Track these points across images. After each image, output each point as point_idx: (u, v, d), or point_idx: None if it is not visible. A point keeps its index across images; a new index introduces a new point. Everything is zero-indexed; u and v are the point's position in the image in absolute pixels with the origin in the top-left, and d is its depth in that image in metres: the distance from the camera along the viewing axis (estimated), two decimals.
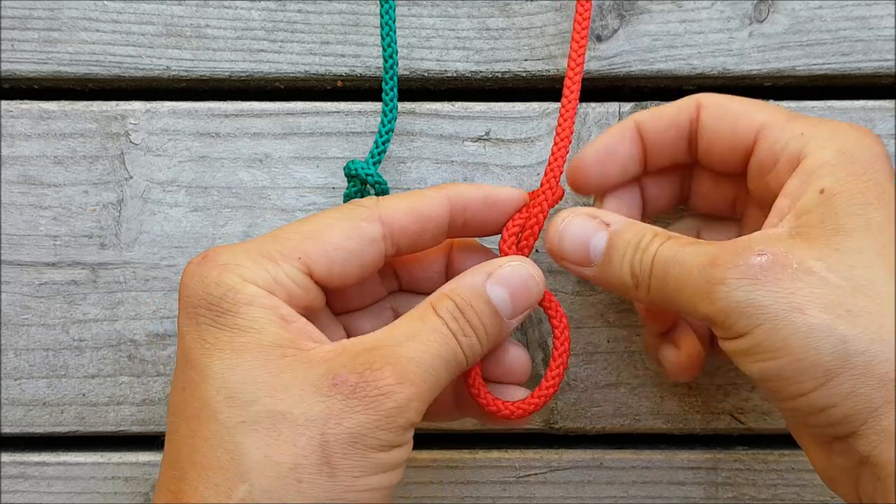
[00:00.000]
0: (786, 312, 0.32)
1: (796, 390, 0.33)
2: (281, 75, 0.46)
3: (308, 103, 0.46)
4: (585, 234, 0.38)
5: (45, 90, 0.47)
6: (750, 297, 0.33)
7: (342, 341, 0.35)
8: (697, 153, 0.40)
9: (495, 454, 0.47)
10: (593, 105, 0.46)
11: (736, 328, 0.34)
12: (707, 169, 0.41)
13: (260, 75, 0.46)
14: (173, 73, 0.46)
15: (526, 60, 0.46)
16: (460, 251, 0.41)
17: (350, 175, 0.42)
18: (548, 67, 0.46)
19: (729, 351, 0.35)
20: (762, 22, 0.46)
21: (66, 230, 0.46)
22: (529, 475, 0.47)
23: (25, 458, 0.46)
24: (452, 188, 0.39)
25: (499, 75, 0.47)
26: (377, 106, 0.46)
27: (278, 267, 0.35)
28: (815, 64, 0.46)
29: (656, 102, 0.46)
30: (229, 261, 0.35)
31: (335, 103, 0.46)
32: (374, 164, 0.43)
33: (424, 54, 0.46)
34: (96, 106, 0.46)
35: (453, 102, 0.46)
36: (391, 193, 0.44)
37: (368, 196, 0.42)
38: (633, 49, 0.46)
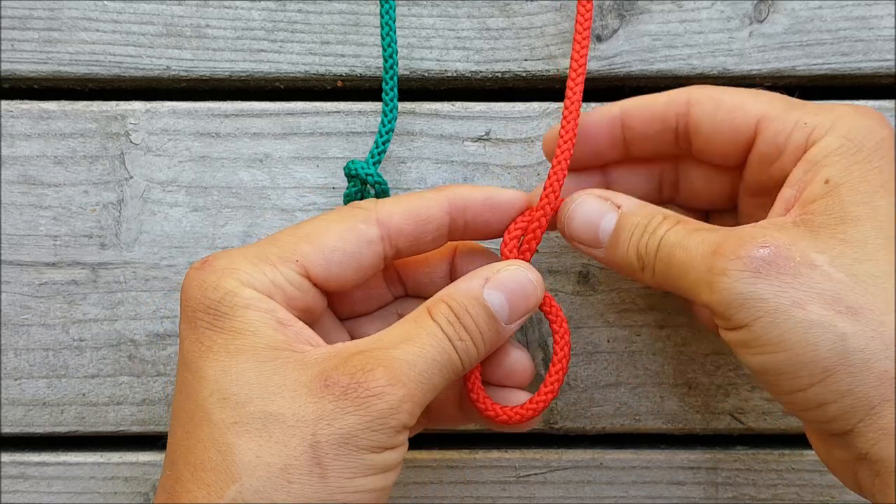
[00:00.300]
0: (786, 307, 0.32)
1: (794, 385, 0.33)
2: (281, 75, 0.46)
3: (308, 103, 0.46)
4: (596, 216, 0.38)
5: (45, 90, 0.47)
6: (751, 290, 0.33)
7: (336, 345, 0.35)
8: (691, 148, 0.40)
9: (495, 454, 0.47)
10: (593, 105, 0.46)
11: (735, 319, 0.34)
12: (702, 163, 0.41)
13: (260, 75, 0.46)
14: (173, 73, 0.46)
15: (526, 60, 0.46)
16: (464, 255, 0.41)
17: (350, 175, 0.42)
18: (548, 67, 0.46)
19: (728, 341, 0.35)
20: (762, 22, 0.46)
21: (66, 230, 0.46)
22: (529, 475, 0.47)
23: (25, 458, 0.46)
24: (452, 190, 0.39)
25: (499, 75, 0.46)
26: (377, 106, 0.46)
27: (276, 270, 0.35)
28: (815, 64, 0.46)
29: None
30: (227, 265, 0.35)
31: (335, 103, 0.46)
32: (375, 164, 0.43)
33: (424, 54, 0.46)
34: (96, 106, 0.46)
35: (453, 102, 0.46)
36: (391, 194, 0.44)
37: (368, 196, 0.43)
38: (633, 49, 0.46)
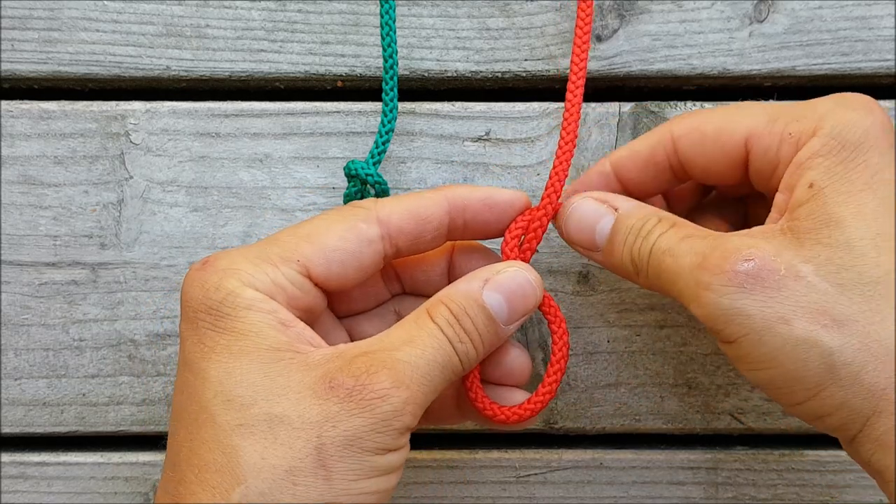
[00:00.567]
0: (771, 323, 0.32)
1: (791, 399, 0.33)
2: (281, 75, 0.46)
3: (308, 103, 0.46)
4: (593, 218, 0.38)
5: (45, 90, 0.47)
6: (735, 306, 0.33)
7: (339, 345, 0.35)
8: (694, 176, 0.39)
9: (495, 454, 0.47)
10: (593, 105, 0.46)
11: (724, 334, 0.34)
12: None
13: (260, 75, 0.46)
14: (173, 73, 0.46)
15: (526, 60, 0.46)
16: (462, 253, 0.41)
17: (350, 175, 0.42)
18: (548, 67, 0.46)
19: (724, 352, 0.35)
20: (762, 22, 0.46)
21: (66, 230, 0.46)
22: (529, 475, 0.46)
23: (25, 458, 0.46)
24: (451, 189, 0.39)
25: (499, 75, 0.46)
26: (377, 106, 0.46)
27: (277, 270, 0.35)
28: (815, 64, 0.46)
29: (656, 102, 0.46)
30: (229, 266, 0.35)
31: (335, 103, 0.46)
32: (375, 164, 0.42)
33: (424, 54, 0.46)
34: (96, 106, 0.46)
35: (453, 102, 0.46)
36: (391, 194, 0.44)
37: (368, 196, 0.43)
38: (633, 49, 0.46)
